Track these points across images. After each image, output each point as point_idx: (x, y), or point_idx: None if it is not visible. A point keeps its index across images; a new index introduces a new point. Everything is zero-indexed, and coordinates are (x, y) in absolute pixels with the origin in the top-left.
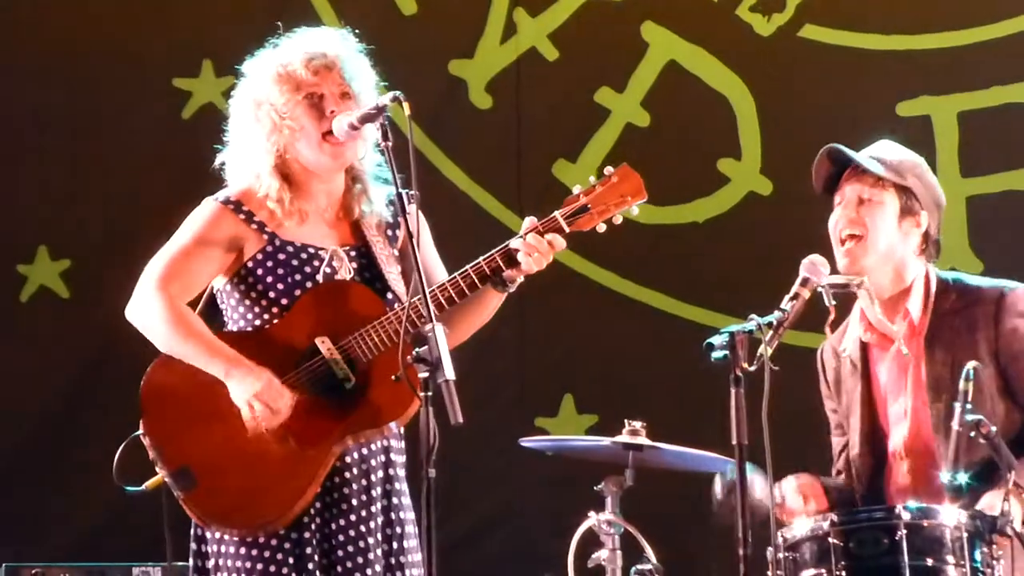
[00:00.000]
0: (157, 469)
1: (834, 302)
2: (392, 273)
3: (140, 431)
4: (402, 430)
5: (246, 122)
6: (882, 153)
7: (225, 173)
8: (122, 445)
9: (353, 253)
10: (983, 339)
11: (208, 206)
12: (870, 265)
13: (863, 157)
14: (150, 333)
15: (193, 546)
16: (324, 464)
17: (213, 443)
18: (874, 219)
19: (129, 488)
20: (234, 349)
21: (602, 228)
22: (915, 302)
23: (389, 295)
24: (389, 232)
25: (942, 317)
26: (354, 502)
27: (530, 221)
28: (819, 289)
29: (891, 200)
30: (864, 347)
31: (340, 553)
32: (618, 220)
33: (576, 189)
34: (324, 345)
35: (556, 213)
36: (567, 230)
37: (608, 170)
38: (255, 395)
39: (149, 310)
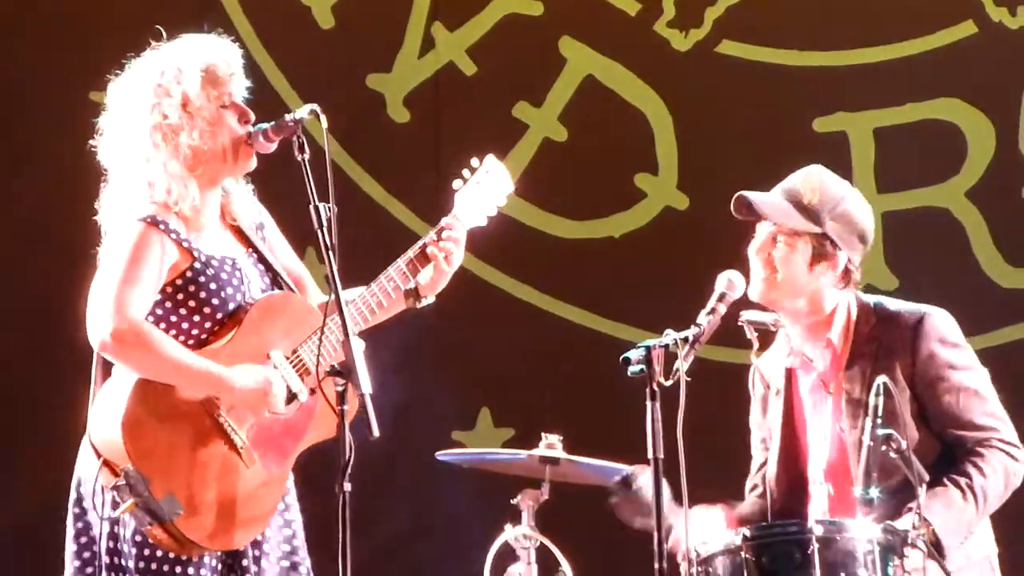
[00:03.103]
0: (123, 497)
1: (755, 334)
2: (285, 276)
3: (102, 458)
4: None
5: (160, 126)
6: (803, 189)
7: (110, 191)
8: (97, 472)
9: (253, 259)
10: (900, 364)
11: (133, 228)
12: (779, 299)
13: (775, 204)
14: (132, 361)
15: (106, 559)
16: (286, 479)
17: (192, 467)
18: (783, 263)
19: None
20: None
21: (484, 223)
22: (836, 331)
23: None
24: (260, 233)
25: (861, 343)
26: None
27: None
28: (740, 323)
29: (803, 247)
30: (788, 371)
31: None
32: (492, 214)
33: (456, 185)
34: (278, 360)
35: (454, 212)
36: (467, 226)
37: (475, 162)
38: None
39: (131, 342)
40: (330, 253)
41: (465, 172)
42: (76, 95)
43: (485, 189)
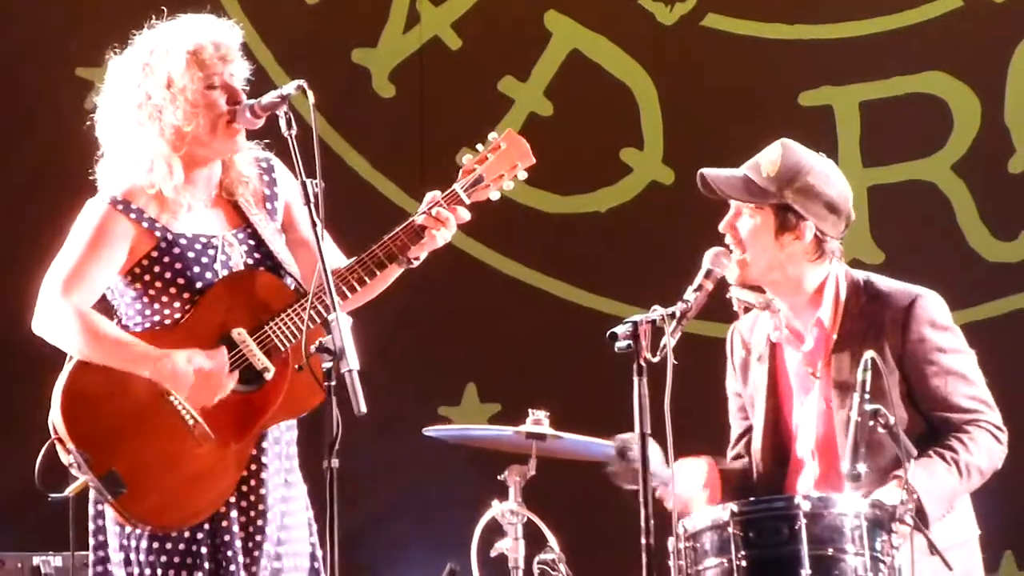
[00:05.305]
0: (76, 473)
1: (741, 309)
2: (281, 252)
3: (56, 436)
4: None
5: (144, 105)
6: (762, 162)
7: (102, 164)
8: (41, 452)
9: (241, 236)
10: (889, 345)
11: (97, 208)
12: (755, 278)
13: (728, 179)
14: (64, 344)
15: (97, 538)
16: (248, 456)
17: (137, 444)
18: (748, 236)
19: (53, 495)
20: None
21: (495, 196)
22: (826, 310)
23: (289, 280)
24: (268, 205)
25: (850, 322)
26: (271, 484)
27: (432, 196)
28: (729, 296)
29: (765, 218)
30: (773, 344)
31: (258, 538)
32: (510, 187)
33: (466, 159)
34: (240, 337)
35: (455, 186)
36: (468, 201)
37: (493, 136)
38: (192, 370)
39: (59, 323)
40: (318, 228)
41: (479, 146)
42: (64, 72)
43: (496, 165)
